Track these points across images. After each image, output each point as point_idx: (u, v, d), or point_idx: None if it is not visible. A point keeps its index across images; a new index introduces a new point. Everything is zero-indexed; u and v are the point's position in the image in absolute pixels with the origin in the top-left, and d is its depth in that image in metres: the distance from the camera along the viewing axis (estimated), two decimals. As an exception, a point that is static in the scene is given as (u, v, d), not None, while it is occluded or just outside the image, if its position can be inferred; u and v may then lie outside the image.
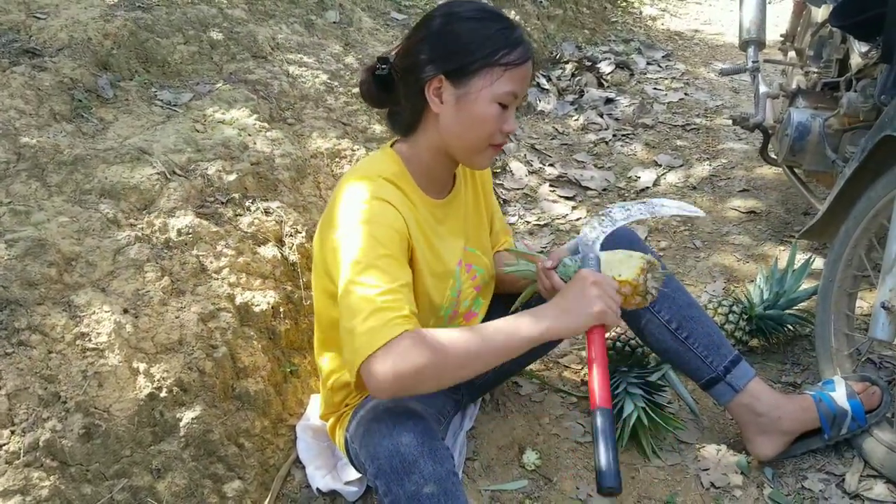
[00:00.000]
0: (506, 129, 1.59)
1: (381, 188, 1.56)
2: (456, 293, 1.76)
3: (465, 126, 1.57)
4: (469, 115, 1.55)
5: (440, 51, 1.54)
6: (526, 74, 1.57)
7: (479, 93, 1.53)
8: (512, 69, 1.53)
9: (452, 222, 1.77)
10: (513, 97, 1.56)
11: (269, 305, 2.03)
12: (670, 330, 1.91)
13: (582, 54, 4.72)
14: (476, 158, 1.64)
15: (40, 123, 2.13)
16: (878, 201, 1.93)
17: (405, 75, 1.61)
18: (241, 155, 2.32)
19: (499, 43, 1.53)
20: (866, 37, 2.29)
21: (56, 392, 1.59)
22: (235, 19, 2.96)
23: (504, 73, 1.53)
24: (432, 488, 1.40)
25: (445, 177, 1.74)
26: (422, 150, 1.66)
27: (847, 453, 1.96)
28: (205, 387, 1.79)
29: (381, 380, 1.38)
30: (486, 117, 1.55)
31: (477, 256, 1.84)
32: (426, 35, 1.57)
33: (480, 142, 1.60)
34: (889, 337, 1.75)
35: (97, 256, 1.83)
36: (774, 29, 4.00)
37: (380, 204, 1.52)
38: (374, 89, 1.68)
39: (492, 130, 1.57)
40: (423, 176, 1.68)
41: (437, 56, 1.54)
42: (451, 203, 1.76)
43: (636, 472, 1.96)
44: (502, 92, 1.54)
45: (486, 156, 1.64)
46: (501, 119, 1.57)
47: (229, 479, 1.78)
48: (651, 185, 3.43)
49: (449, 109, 1.56)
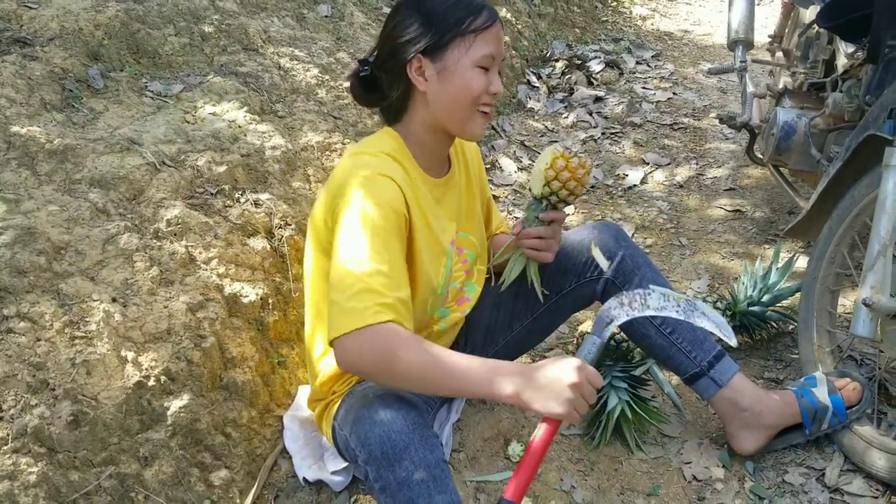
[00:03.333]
0: (492, 90, 1.64)
1: (384, 164, 1.60)
2: (448, 271, 1.79)
3: (453, 96, 1.63)
4: (453, 85, 1.62)
5: (413, 32, 1.62)
6: (497, 34, 1.64)
7: (457, 62, 1.61)
8: (482, 32, 1.61)
9: (448, 203, 1.81)
10: (490, 59, 1.63)
11: (257, 297, 2.04)
12: (654, 325, 1.93)
13: (572, 53, 4.74)
14: (469, 127, 1.68)
15: (31, 113, 2.13)
16: (862, 200, 1.96)
17: (386, 63, 1.68)
18: (231, 147, 2.32)
19: (463, 12, 1.61)
20: (852, 38, 2.32)
21: (44, 379, 1.60)
22: (227, 11, 2.96)
23: (476, 38, 1.61)
24: (422, 475, 1.42)
25: (442, 154, 1.79)
26: (416, 128, 1.71)
27: (827, 448, 1.98)
28: (192, 376, 1.80)
29: (345, 358, 1.45)
30: (470, 83, 1.61)
31: (468, 241, 1.87)
32: (398, 21, 1.65)
33: (470, 108, 1.65)
34: (870, 334, 1.78)
35: (86, 245, 1.84)
36: (762, 30, 4.04)
37: (382, 180, 1.56)
38: (360, 90, 1.77)
39: (478, 94, 1.63)
40: (422, 154, 1.73)
41: (411, 38, 1.62)
42: (447, 183, 1.81)
43: (619, 465, 1.98)
44: (479, 55, 1.61)
45: (477, 123, 1.68)
46: (486, 81, 1.63)
47: (216, 467, 1.79)
48: (638, 184, 3.45)
49: (434, 84, 1.63)
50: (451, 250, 1.79)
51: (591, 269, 1.95)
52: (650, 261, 1.99)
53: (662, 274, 2.06)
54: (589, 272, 1.95)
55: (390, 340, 1.42)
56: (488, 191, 2.06)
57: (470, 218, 1.89)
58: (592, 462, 1.99)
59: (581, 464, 1.99)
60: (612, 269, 1.93)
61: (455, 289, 1.87)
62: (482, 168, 2.01)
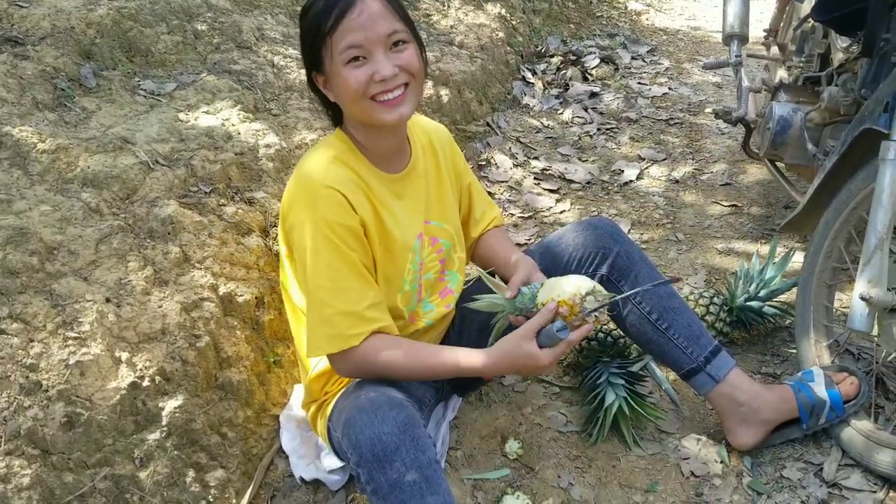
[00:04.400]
0: (377, 77, 1.55)
1: (326, 174, 1.62)
2: (417, 266, 1.78)
3: (344, 99, 1.62)
4: (339, 90, 1.61)
5: (302, 54, 1.65)
6: (358, 21, 1.53)
7: (332, 68, 1.59)
8: (334, 31, 1.54)
9: (412, 196, 1.79)
10: (356, 49, 1.54)
11: (252, 296, 2.03)
12: (651, 321, 1.92)
13: (567, 48, 4.73)
14: (374, 116, 1.61)
15: (22, 112, 2.12)
16: (858, 194, 1.95)
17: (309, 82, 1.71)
18: (225, 145, 2.31)
19: (316, 19, 1.56)
20: (847, 31, 2.31)
21: (38, 381, 1.59)
22: (220, 9, 2.94)
23: (331, 38, 1.55)
24: (414, 476, 1.42)
25: (392, 147, 1.74)
26: (352, 129, 1.71)
27: (825, 443, 1.98)
28: (187, 376, 1.79)
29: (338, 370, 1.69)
30: (347, 82, 1.56)
31: (442, 230, 1.85)
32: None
33: (362, 103, 1.59)
34: (867, 328, 1.77)
35: (79, 245, 1.83)
36: (758, 24, 4.03)
37: (326, 193, 1.59)
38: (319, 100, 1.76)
39: (360, 89, 1.56)
40: (370, 151, 1.72)
41: (304, 59, 1.65)
42: (407, 177, 1.78)
43: (617, 462, 1.98)
44: (342, 52, 1.54)
45: (379, 110, 1.60)
46: (366, 72, 1.55)
47: (212, 468, 1.78)
48: (634, 179, 3.44)
49: (331, 91, 1.64)
50: (417, 244, 1.77)
51: (586, 266, 1.94)
52: (646, 257, 1.98)
53: (658, 270, 2.06)
54: (584, 269, 1.94)
55: (367, 361, 1.62)
56: (469, 176, 2.01)
57: (441, 206, 1.87)
58: (590, 459, 1.98)
59: (579, 460, 1.98)
60: (608, 265, 1.93)
61: (430, 280, 1.85)
62: (456, 154, 1.96)
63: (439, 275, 1.88)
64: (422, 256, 1.80)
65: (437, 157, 1.88)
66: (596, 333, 2.24)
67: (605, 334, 2.23)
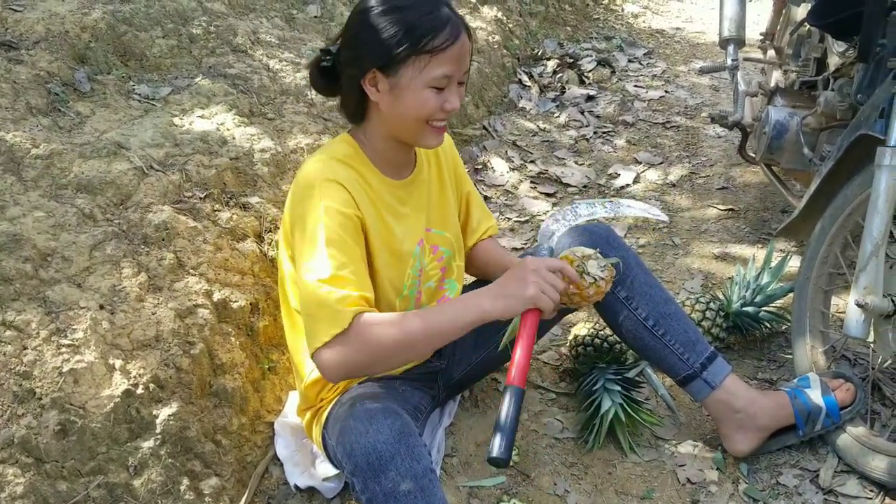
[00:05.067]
0: (447, 107, 1.60)
1: (330, 169, 1.61)
2: (417, 272, 1.78)
3: (402, 114, 1.60)
4: (404, 104, 1.59)
5: (369, 46, 1.57)
6: (458, 53, 1.57)
7: (409, 81, 1.56)
8: (438, 53, 1.54)
9: (415, 203, 1.79)
10: (446, 79, 1.57)
11: (247, 302, 2.03)
12: (647, 327, 1.92)
13: (563, 51, 4.72)
14: (422, 139, 1.66)
15: (16, 117, 2.11)
16: (854, 199, 1.95)
17: (345, 68, 1.65)
18: (219, 150, 2.30)
19: (422, 29, 1.54)
20: (843, 36, 2.31)
21: (31, 388, 1.58)
22: (215, 13, 2.94)
23: (431, 58, 1.54)
24: (409, 485, 1.41)
25: (401, 158, 1.76)
26: (372, 135, 1.70)
27: (821, 449, 1.98)
28: (182, 384, 1.79)
29: (329, 368, 1.52)
30: (421, 103, 1.58)
31: (443, 238, 1.86)
32: (356, 29, 1.61)
33: (420, 124, 1.62)
34: (863, 334, 1.77)
35: (73, 252, 1.82)
36: (754, 27, 4.03)
37: (330, 185, 1.58)
38: (319, 80, 1.73)
39: (429, 114, 1.60)
40: (378, 158, 1.71)
41: (367, 51, 1.58)
42: (412, 183, 1.79)
43: (613, 468, 1.97)
44: (432, 77, 1.56)
45: (430, 135, 1.65)
46: (439, 100, 1.59)
47: (206, 476, 1.77)
48: (631, 183, 3.44)
49: (386, 98, 1.60)
50: (417, 250, 1.77)
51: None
52: (641, 262, 1.98)
53: (655, 275, 2.05)
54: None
55: (363, 333, 1.48)
56: (468, 184, 2.01)
57: (443, 214, 1.87)
58: (586, 466, 1.98)
59: (575, 468, 1.98)
60: None
61: (430, 288, 1.85)
62: (457, 161, 1.97)
63: (439, 283, 1.88)
64: (422, 263, 1.79)
65: (441, 163, 1.89)
66: (592, 339, 2.24)
67: (601, 340, 2.23)
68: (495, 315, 1.53)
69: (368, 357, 1.50)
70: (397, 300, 1.76)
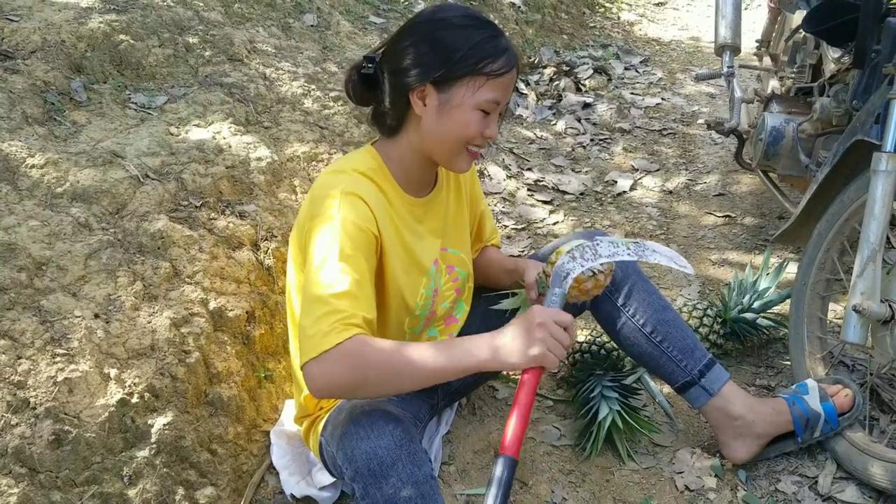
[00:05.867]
0: (487, 133, 1.61)
1: (352, 182, 1.58)
2: (432, 292, 1.77)
3: (446, 131, 1.59)
4: (450, 121, 1.58)
5: (426, 58, 1.56)
6: (509, 82, 1.60)
7: (461, 100, 1.56)
8: (494, 78, 1.56)
9: (432, 222, 1.78)
10: (495, 105, 1.58)
11: (243, 310, 2.02)
12: (645, 333, 1.92)
13: (560, 59, 4.74)
14: (455, 162, 1.66)
15: (12, 126, 2.11)
16: (851, 205, 1.95)
17: (391, 77, 1.62)
18: (215, 158, 2.30)
19: (484, 52, 1.54)
20: (839, 42, 2.32)
21: (25, 398, 1.57)
22: (212, 22, 2.94)
23: (486, 81, 1.55)
24: (410, 491, 1.40)
25: (425, 177, 1.76)
26: (403, 149, 1.68)
27: (820, 456, 1.97)
28: (177, 393, 1.78)
29: (316, 384, 1.42)
30: (467, 123, 1.57)
31: (458, 258, 1.85)
32: (413, 41, 1.58)
33: (459, 146, 1.62)
34: (860, 340, 1.77)
35: (68, 261, 1.81)
36: (750, 34, 4.04)
37: (349, 199, 1.54)
38: (359, 87, 1.70)
39: (472, 136, 1.60)
40: (403, 174, 1.70)
41: (423, 63, 1.56)
42: (431, 202, 1.78)
43: (611, 476, 1.96)
44: (484, 100, 1.56)
45: (464, 159, 1.65)
46: (483, 125, 1.59)
47: (202, 485, 1.76)
48: (628, 190, 3.44)
49: (431, 113, 1.59)
50: (433, 269, 1.76)
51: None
52: (639, 269, 1.97)
53: (652, 281, 2.05)
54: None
55: (356, 354, 1.39)
56: (482, 203, 2.01)
57: (458, 234, 1.87)
58: (584, 473, 1.97)
59: (572, 475, 1.97)
60: None
61: (445, 309, 1.84)
62: (475, 180, 1.97)
63: (453, 304, 1.87)
64: (437, 283, 1.78)
65: (460, 184, 1.89)
66: (590, 346, 2.23)
67: (598, 347, 2.22)
68: (495, 368, 1.46)
69: (356, 378, 1.41)
70: (407, 318, 1.75)
